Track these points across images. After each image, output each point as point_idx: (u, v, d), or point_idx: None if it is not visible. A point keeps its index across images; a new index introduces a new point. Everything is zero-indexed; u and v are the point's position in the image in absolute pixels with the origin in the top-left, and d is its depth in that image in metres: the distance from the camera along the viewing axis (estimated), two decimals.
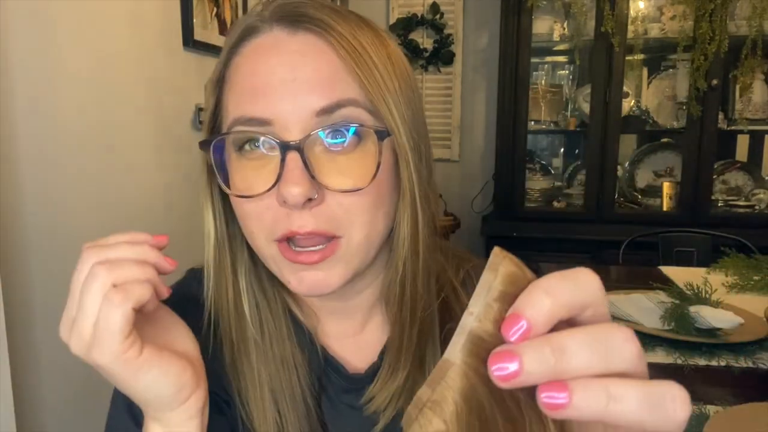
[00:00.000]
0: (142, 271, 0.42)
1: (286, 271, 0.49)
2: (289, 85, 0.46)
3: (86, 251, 0.43)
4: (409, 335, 0.53)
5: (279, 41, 0.48)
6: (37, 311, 1.12)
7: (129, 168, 1.41)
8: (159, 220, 1.53)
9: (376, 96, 0.48)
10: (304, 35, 0.48)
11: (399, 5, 3.04)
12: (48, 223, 1.15)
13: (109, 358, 0.41)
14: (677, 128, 2.63)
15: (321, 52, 0.47)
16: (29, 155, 1.10)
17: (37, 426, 1.11)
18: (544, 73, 2.87)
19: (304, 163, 0.45)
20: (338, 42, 0.47)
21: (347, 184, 0.47)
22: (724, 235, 2.10)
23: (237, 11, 1.90)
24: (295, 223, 0.47)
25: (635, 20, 2.48)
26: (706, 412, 0.92)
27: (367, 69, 0.47)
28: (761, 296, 1.54)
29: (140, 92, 1.46)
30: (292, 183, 0.45)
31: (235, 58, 0.50)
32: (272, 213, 0.47)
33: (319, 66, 0.47)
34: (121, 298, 0.40)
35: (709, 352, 1.17)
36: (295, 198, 0.45)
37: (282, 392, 0.53)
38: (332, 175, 0.47)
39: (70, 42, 1.21)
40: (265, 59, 0.48)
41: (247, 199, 0.48)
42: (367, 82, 0.47)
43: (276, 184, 0.46)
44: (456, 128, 3.06)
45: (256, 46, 0.49)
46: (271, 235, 0.48)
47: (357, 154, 0.48)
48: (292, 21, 0.48)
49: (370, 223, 0.49)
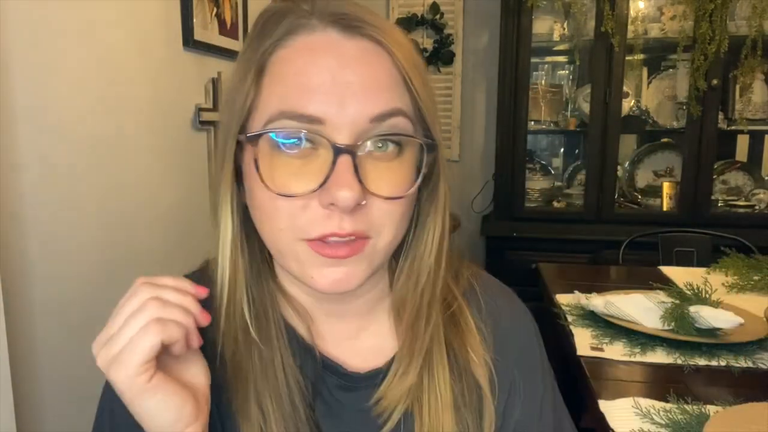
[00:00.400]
0: (184, 317, 0.46)
1: (309, 267, 0.49)
2: (346, 88, 0.46)
3: (142, 286, 0.46)
4: (422, 339, 0.55)
5: (335, 42, 0.48)
6: (37, 311, 1.12)
7: (129, 168, 1.41)
8: (159, 220, 1.53)
9: (426, 108, 0.50)
10: (361, 40, 0.48)
11: (399, 5, 3.04)
12: (48, 223, 1.15)
13: (122, 377, 0.44)
14: (677, 128, 2.62)
15: (378, 58, 0.48)
16: (29, 155, 1.10)
17: (37, 426, 1.11)
18: (544, 73, 2.87)
19: (355, 168, 0.46)
20: (396, 51, 0.48)
21: (392, 192, 0.48)
22: (724, 235, 2.10)
23: (237, 11, 1.90)
24: (336, 224, 0.47)
25: (635, 20, 2.48)
26: (706, 412, 0.92)
27: (419, 81, 0.49)
28: (761, 296, 1.54)
29: (140, 92, 1.46)
30: (347, 187, 0.45)
31: (280, 51, 0.48)
32: (309, 213, 0.47)
33: (377, 73, 0.47)
34: (157, 330, 0.44)
35: (709, 352, 1.17)
36: (347, 201, 0.45)
37: (266, 390, 0.53)
38: (377, 182, 0.48)
39: (70, 42, 1.21)
40: (320, 58, 0.47)
41: (284, 198, 0.47)
42: (419, 94, 0.49)
43: (323, 185, 0.46)
44: (456, 128, 3.06)
45: (309, 43, 0.48)
46: (302, 235, 0.48)
47: (398, 162, 0.49)
48: (348, 25, 0.48)
49: (399, 228, 0.51)
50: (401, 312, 0.57)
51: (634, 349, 1.18)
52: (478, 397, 0.57)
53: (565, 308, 1.43)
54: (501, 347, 0.60)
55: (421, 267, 0.55)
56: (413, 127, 0.49)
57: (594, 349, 1.20)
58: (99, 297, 1.26)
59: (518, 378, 0.61)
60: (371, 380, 0.56)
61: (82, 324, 1.20)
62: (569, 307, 1.43)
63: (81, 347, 1.22)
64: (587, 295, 1.44)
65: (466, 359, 0.58)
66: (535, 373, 0.62)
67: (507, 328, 0.62)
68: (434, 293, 0.55)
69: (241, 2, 1.92)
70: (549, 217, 2.69)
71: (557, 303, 1.47)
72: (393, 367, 0.55)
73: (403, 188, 0.49)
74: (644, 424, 0.91)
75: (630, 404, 0.96)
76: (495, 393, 0.58)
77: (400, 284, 0.57)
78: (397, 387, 0.54)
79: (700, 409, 0.93)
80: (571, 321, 1.35)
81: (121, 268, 1.36)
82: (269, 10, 0.51)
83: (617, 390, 1.04)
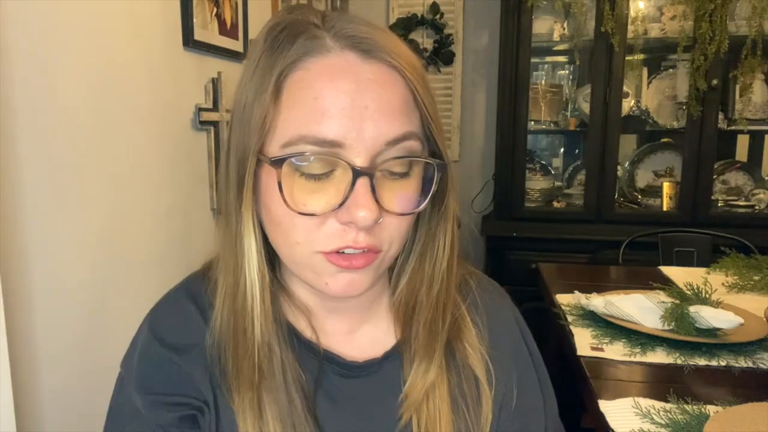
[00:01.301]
0: None
1: (325, 276, 0.52)
2: (365, 113, 0.48)
3: None
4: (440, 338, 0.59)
5: (352, 66, 0.49)
6: (37, 311, 1.12)
7: (128, 167, 1.41)
8: (159, 220, 1.53)
9: (435, 128, 0.52)
10: (377, 64, 0.49)
11: (399, 5, 3.04)
12: (48, 223, 1.15)
13: None
14: (677, 128, 2.62)
15: (394, 82, 0.50)
16: (29, 155, 1.10)
17: (37, 426, 1.11)
18: (544, 73, 2.87)
19: (372, 188, 0.48)
20: (409, 74, 0.50)
21: (403, 209, 0.51)
22: (724, 235, 2.10)
23: (237, 11, 1.90)
24: (352, 239, 0.50)
25: (635, 20, 2.48)
26: (706, 412, 0.92)
27: (429, 102, 0.52)
28: (761, 296, 1.54)
29: (140, 92, 1.46)
30: (366, 208, 0.48)
31: (298, 72, 0.49)
32: (326, 228, 0.50)
33: (393, 97, 0.49)
34: None
35: (709, 352, 1.17)
36: (365, 221, 0.48)
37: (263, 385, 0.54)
38: (391, 200, 0.51)
39: (70, 42, 1.21)
40: (339, 82, 0.48)
41: (304, 216, 0.49)
42: (429, 115, 0.52)
43: (342, 205, 0.48)
44: (456, 128, 3.06)
45: (327, 66, 0.49)
46: (318, 248, 0.51)
47: (408, 180, 0.52)
48: (365, 49, 0.49)
49: (405, 239, 0.55)
50: (407, 311, 0.60)
51: (634, 349, 1.19)
52: (476, 390, 0.60)
53: (565, 308, 1.43)
54: (496, 341, 0.63)
55: (434, 273, 0.58)
56: (422, 146, 0.52)
57: (594, 349, 1.20)
58: (99, 297, 1.26)
59: (513, 369, 0.63)
60: (368, 369, 0.59)
61: (83, 323, 1.20)
62: (569, 307, 1.43)
63: (81, 346, 1.22)
64: (587, 295, 1.44)
65: (463, 353, 0.61)
66: (528, 363, 0.65)
67: (500, 322, 0.65)
68: (449, 295, 0.59)
69: (241, 2, 1.92)
70: (549, 217, 2.69)
71: (557, 303, 1.47)
72: (414, 367, 0.58)
73: (413, 204, 0.52)
74: (644, 424, 0.91)
75: (630, 404, 0.96)
76: (492, 385, 0.61)
77: (405, 284, 0.60)
78: (420, 384, 0.57)
79: (700, 409, 0.93)
80: (571, 321, 1.35)
81: (120, 268, 1.36)
82: (280, 23, 0.52)
83: (617, 390, 1.04)
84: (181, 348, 0.57)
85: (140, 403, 0.56)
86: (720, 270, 1.74)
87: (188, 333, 0.58)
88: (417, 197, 0.53)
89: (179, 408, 0.55)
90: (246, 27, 1.95)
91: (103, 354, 1.23)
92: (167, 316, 0.60)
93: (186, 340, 0.57)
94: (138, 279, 1.40)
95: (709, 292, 1.32)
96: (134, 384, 0.57)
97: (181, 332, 0.58)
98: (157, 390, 0.56)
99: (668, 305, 1.27)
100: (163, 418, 0.55)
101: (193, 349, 0.57)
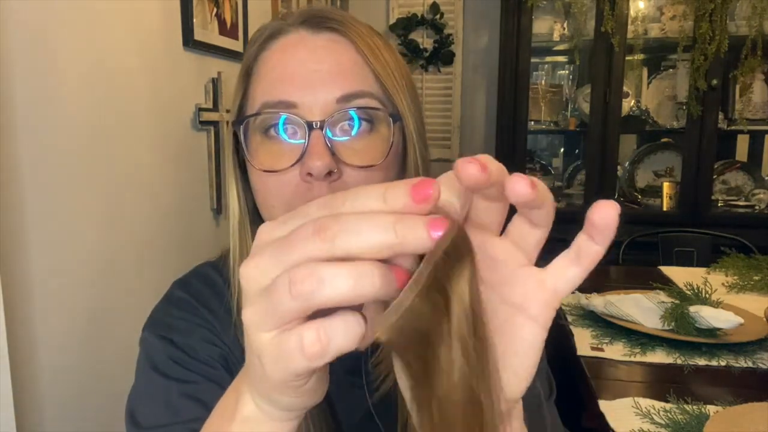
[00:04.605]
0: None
1: None
2: (314, 75, 0.52)
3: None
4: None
5: (304, 39, 0.55)
6: (37, 310, 1.12)
7: (129, 167, 1.41)
8: (159, 219, 1.53)
9: (390, 87, 0.55)
10: (327, 33, 0.55)
11: (399, 5, 3.04)
12: (48, 222, 1.15)
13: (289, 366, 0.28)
14: (677, 128, 2.62)
15: (343, 47, 0.54)
16: (29, 155, 1.10)
17: (37, 426, 1.11)
18: (544, 73, 2.87)
19: (327, 142, 0.51)
20: (358, 39, 0.54)
21: (363, 161, 0.52)
22: (724, 235, 2.10)
23: (237, 11, 1.90)
24: (315, 194, 0.51)
25: (635, 20, 2.48)
26: (706, 412, 0.92)
27: (381, 64, 0.54)
28: (761, 296, 1.54)
29: (140, 92, 1.46)
30: (317, 157, 0.49)
31: (263, 54, 0.56)
32: (292, 188, 0.52)
33: (341, 59, 0.53)
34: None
35: (709, 352, 1.17)
36: (318, 169, 0.49)
37: None
38: (350, 154, 0.52)
39: (70, 42, 1.21)
40: (292, 53, 0.54)
41: (271, 174, 0.53)
42: (382, 75, 0.54)
43: (300, 159, 0.51)
44: (456, 128, 3.06)
45: (284, 44, 0.55)
46: (290, 208, 0.50)
47: (371, 137, 0.54)
48: (316, 23, 0.55)
49: None
50: None
51: (634, 349, 1.18)
52: None
53: (565, 308, 1.43)
54: None
55: None
56: (382, 106, 0.54)
57: (594, 349, 1.20)
58: (99, 296, 1.26)
59: None
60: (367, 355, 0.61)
61: (83, 322, 1.20)
62: (569, 307, 1.43)
63: (81, 346, 1.22)
64: (587, 295, 1.44)
65: None
66: None
67: None
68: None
69: (241, 2, 1.92)
70: None
71: None
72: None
73: (378, 158, 0.53)
74: (644, 424, 0.91)
75: (630, 404, 0.96)
76: None
77: None
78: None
79: (700, 409, 0.93)
80: (571, 321, 1.35)
81: (121, 268, 1.36)
82: (261, 26, 0.59)
83: (617, 390, 1.04)
84: (214, 309, 0.61)
85: (181, 342, 0.58)
86: (720, 270, 1.74)
87: (219, 298, 0.61)
88: (381, 154, 0.54)
89: (217, 349, 0.58)
90: (246, 27, 1.95)
91: (104, 353, 1.23)
92: (196, 280, 0.64)
93: (215, 306, 0.61)
94: (138, 278, 1.40)
95: (709, 292, 1.32)
96: (167, 329, 0.59)
97: (211, 297, 0.61)
98: (194, 332, 0.59)
99: (668, 305, 1.27)
100: (208, 352, 0.57)
101: (223, 313, 0.60)
